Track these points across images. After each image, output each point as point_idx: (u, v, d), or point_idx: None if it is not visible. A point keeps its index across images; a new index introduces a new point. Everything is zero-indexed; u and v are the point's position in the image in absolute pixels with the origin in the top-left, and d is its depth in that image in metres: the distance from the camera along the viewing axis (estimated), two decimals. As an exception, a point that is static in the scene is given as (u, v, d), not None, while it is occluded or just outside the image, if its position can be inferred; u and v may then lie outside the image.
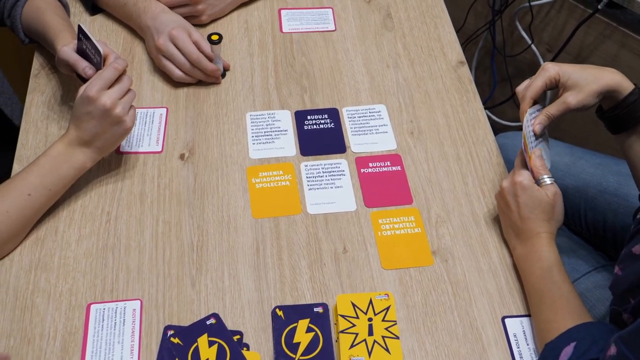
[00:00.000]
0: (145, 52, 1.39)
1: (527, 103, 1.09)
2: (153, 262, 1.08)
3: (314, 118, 1.29)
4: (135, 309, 1.02)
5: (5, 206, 1.04)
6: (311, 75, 1.37)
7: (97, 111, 1.07)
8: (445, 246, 1.12)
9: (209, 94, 1.32)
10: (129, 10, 1.38)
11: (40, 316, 1.01)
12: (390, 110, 1.31)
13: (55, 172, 1.08)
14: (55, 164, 1.08)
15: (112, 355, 0.98)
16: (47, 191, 1.08)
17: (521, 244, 1.05)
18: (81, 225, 1.12)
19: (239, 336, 1.00)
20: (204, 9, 1.41)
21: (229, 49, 1.40)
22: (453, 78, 1.37)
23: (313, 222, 1.14)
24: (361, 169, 1.21)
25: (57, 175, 1.09)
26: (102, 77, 1.08)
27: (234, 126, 1.27)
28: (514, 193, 1.05)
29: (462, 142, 1.26)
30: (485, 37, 2.20)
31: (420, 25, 1.48)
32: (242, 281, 1.06)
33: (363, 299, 1.02)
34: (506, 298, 1.06)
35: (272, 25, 1.46)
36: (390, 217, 1.15)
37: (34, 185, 1.07)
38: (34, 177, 1.07)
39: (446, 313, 1.04)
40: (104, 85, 1.08)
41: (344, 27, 1.47)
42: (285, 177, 1.20)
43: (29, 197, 1.06)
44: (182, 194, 1.16)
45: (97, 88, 1.07)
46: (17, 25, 1.30)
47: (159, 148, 1.23)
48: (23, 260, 1.07)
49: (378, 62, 1.40)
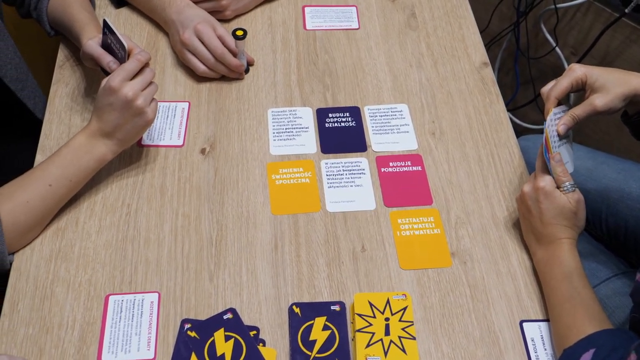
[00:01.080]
0: (168, 46, 1.39)
1: (551, 103, 1.08)
2: (172, 256, 1.08)
3: (335, 116, 1.29)
4: (153, 302, 1.03)
5: (26, 196, 1.05)
6: (333, 73, 1.36)
7: (118, 102, 1.07)
8: (464, 248, 1.11)
9: (231, 89, 1.33)
10: (153, 4, 1.38)
11: (59, 306, 1.02)
12: (412, 110, 1.30)
13: (77, 164, 1.09)
14: (76, 155, 1.09)
15: (129, 346, 0.98)
16: (68, 182, 1.09)
17: (542, 248, 1.04)
18: (102, 217, 1.12)
19: (255, 332, 1.00)
20: (228, 4, 1.41)
21: (252, 44, 1.41)
22: (476, 79, 1.36)
23: (332, 220, 1.14)
24: (381, 168, 1.21)
25: (78, 166, 1.09)
26: (124, 69, 1.09)
27: (256, 122, 1.27)
28: (536, 198, 1.04)
29: (483, 144, 1.25)
30: (509, 38, 2.19)
31: (444, 26, 1.47)
32: (260, 277, 1.06)
33: (380, 299, 1.02)
34: (525, 302, 1.05)
35: (296, 22, 1.46)
36: (410, 217, 1.14)
37: (55, 176, 1.07)
38: (55, 168, 1.08)
39: (464, 315, 1.03)
40: (126, 76, 1.08)
41: (368, 25, 1.46)
42: (305, 174, 1.19)
43: (50, 188, 1.07)
44: (202, 188, 1.17)
45: (119, 79, 1.07)
46: (43, 17, 1.31)
47: (180, 142, 1.23)
48: (44, 250, 1.08)
49: (401, 61, 1.39)
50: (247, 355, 0.96)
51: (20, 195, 1.05)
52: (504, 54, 2.25)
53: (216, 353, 0.96)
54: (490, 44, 2.24)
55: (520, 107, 2.24)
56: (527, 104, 2.20)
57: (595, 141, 1.99)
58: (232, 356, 0.96)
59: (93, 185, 1.16)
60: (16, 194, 1.05)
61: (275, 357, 0.98)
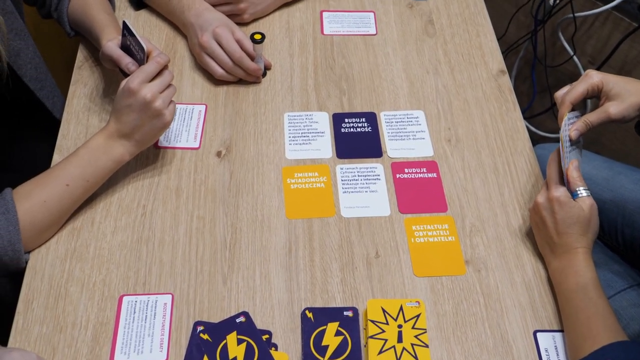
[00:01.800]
0: (186, 48, 1.40)
1: (566, 107, 1.08)
2: (186, 258, 1.09)
3: (351, 121, 1.29)
4: (167, 303, 1.03)
5: (44, 196, 1.06)
6: (350, 78, 1.36)
7: (137, 104, 1.08)
8: (478, 256, 1.11)
9: (248, 92, 1.33)
10: (173, 7, 1.39)
11: (73, 305, 1.03)
12: (428, 117, 1.30)
13: (94, 164, 1.09)
14: (94, 155, 1.10)
15: (141, 347, 0.98)
16: (85, 182, 1.09)
17: (557, 258, 1.04)
18: (117, 217, 1.13)
19: (268, 336, 1.00)
20: (246, 7, 1.42)
21: (270, 48, 1.41)
22: (493, 87, 1.36)
23: (346, 226, 1.13)
24: (397, 174, 1.21)
25: (96, 167, 1.10)
26: (143, 71, 1.09)
27: (272, 126, 1.28)
28: (551, 209, 1.04)
29: (499, 152, 1.25)
30: (526, 46, 2.18)
31: (462, 33, 1.47)
32: (273, 281, 1.06)
33: (394, 305, 1.02)
34: (539, 312, 1.04)
35: (314, 27, 1.47)
36: (424, 224, 1.14)
37: (72, 176, 1.08)
38: (73, 168, 1.08)
39: (477, 324, 1.03)
40: (145, 78, 1.09)
41: (385, 31, 1.46)
42: (321, 179, 1.19)
43: (67, 188, 1.08)
44: (217, 191, 1.17)
45: (138, 81, 1.08)
46: (63, 18, 1.32)
47: (196, 144, 1.24)
48: (59, 249, 1.09)
49: (418, 67, 1.39)
50: (259, 359, 0.96)
51: (38, 194, 1.06)
52: (521, 62, 2.24)
53: (228, 356, 0.97)
54: (507, 52, 2.24)
55: (536, 115, 2.23)
56: (543, 113, 2.19)
57: (612, 151, 1.97)
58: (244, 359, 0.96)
59: (109, 185, 1.16)
60: (34, 193, 1.06)
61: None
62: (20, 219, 1.03)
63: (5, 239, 1.01)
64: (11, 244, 1.02)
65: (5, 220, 1.02)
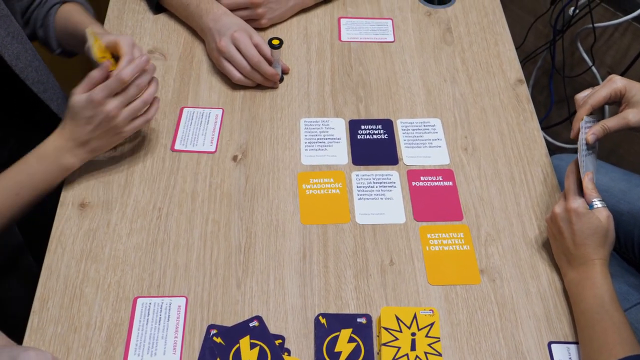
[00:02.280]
0: (204, 52, 1.41)
1: (585, 110, 1.07)
2: (200, 261, 1.09)
3: (367, 128, 1.29)
4: (180, 306, 1.03)
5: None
6: (367, 85, 1.37)
7: (98, 117, 1.08)
8: (493, 265, 1.10)
9: (264, 97, 1.33)
10: (191, 11, 1.40)
11: (88, 305, 1.03)
12: (445, 125, 1.30)
13: (44, 173, 1.10)
14: (44, 164, 1.10)
15: (155, 349, 0.99)
16: (34, 191, 1.10)
17: (574, 269, 1.03)
18: (133, 220, 1.13)
19: (281, 341, 1.00)
20: (264, 12, 1.42)
21: (287, 54, 1.41)
22: (511, 96, 1.36)
23: (361, 232, 1.13)
24: (412, 182, 1.21)
25: (45, 175, 1.11)
26: (110, 85, 1.08)
27: (288, 131, 1.28)
28: (568, 220, 1.03)
29: (516, 161, 1.25)
30: (544, 56, 2.18)
31: (480, 41, 1.46)
32: (287, 286, 1.06)
33: (407, 313, 1.01)
34: (554, 323, 1.04)
35: (331, 33, 1.47)
36: (439, 233, 1.14)
37: (22, 185, 1.09)
38: (23, 177, 1.09)
39: (491, 334, 1.02)
40: (111, 91, 1.08)
41: (403, 39, 1.46)
42: (336, 185, 1.19)
43: (17, 196, 1.09)
44: (232, 195, 1.17)
45: (103, 94, 1.07)
46: (50, 33, 1.34)
47: (212, 148, 1.24)
48: (75, 250, 1.09)
49: (435, 75, 1.39)
50: (271, 363, 0.97)
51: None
52: (539, 72, 2.23)
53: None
54: (525, 61, 2.23)
55: (553, 125, 2.22)
56: (560, 123, 2.18)
57: (630, 163, 1.96)
58: (257, 364, 0.97)
59: (125, 187, 1.17)
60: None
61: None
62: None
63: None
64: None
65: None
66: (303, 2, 1.48)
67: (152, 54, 1.40)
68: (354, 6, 1.53)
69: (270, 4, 1.43)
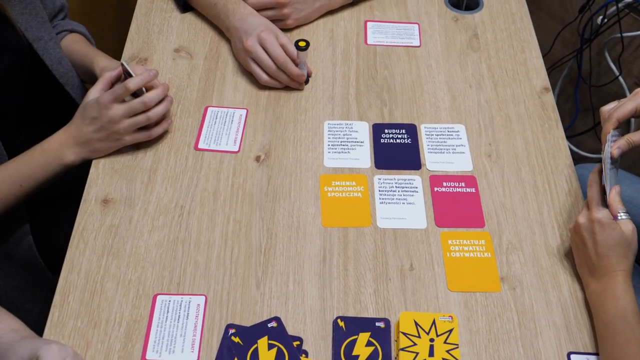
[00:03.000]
0: (230, 52, 1.41)
1: (612, 124, 1.06)
2: (220, 260, 1.09)
3: (391, 132, 1.28)
4: (200, 304, 1.04)
5: (1, 193, 1.13)
6: (392, 89, 1.36)
7: (100, 120, 1.14)
8: (514, 274, 1.09)
9: (289, 99, 1.33)
10: (217, 11, 1.41)
11: (108, 301, 1.04)
12: (469, 131, 1.29)
13: (46, 167, 1.15)
14: (46, 158, 1.15)
15: (173, 347, 0.99)
16: (36, 183, 1.15)
17: (596, 280, 1.02)
18: (155, 217, 1.14)
19: (299, 342, 1.00)
20: (290, 13, 1.43)
21: (313, 56, 1.41)
22: (536, 104, 1.35)
23: (382, 236, 1.13)
24: (435, 187, 1.20)
25: (46, 169, 1.15)
26: (114, 92, 1.14)
27: (311, 133, 1.28)
28: (592, 230, 1.02)
29: (540, 170, 1.24)
30: (571, 64, 2.16)
31: (506, 48, 1.46)
32: (307, 288, 1.06)
33: (426, 319, 1.01)
34: (574, 334, 1.03)
35: (357, 37, 1.47)
36: (461, 239, 1.13)
37: (25, 176, 1.14)
38: (27, 169, 1.14)
39: (510, 342, 1.02)
40: (117, 98, 1.14)
41: (429, 43, 1.46)
42: (358, 188, 1.19)
43: (20, 187, 1.14)
44: (254, 195, 1.18)
45: (109, 98, 1.13)
46: None
47: (236, 148, 1.25)
48: (97, 245, 1.10)
49: (461, 81, 1.38)
50: (289, 365, 0.97)
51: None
52: (565, 80, 2.22)
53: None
54: (551, 69, 2.21)
55: (578, 134, 2.20)
56: (585, 132, 2.16)
57: (654, 174, 1.94)
58: (274, 365, 0.97)
59: (148, 184, 1.18)
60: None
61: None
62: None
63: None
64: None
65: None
66: (330, 4, 1.49)
67: (178, 53, 1.41)
68: (380, 10, 1.53)
69: (296, 5, 1.43)
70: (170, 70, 1.38)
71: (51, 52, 1.26)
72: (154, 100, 1.16)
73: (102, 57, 1.31)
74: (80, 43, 1.38)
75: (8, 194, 1.14)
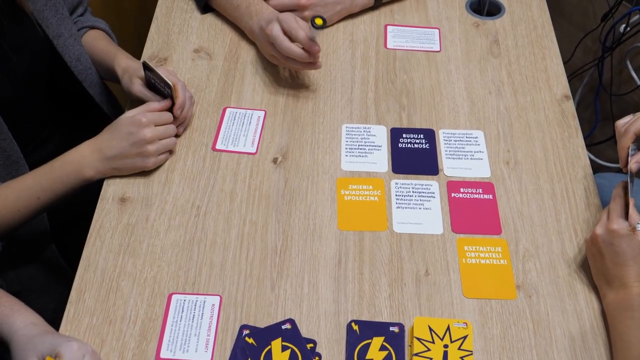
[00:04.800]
0: (249, 54, 1.41)
1: (630, 138, 1.05)
2: (236, 261, 1.09)
3: (409, 137, 1.28)
4: (215, 305, 1.04)
5: (19, 205, 1.13)
6: (411, 93, 1.36)
7: (135, 136, 1.14)
8: (530, 282, 1.08)
9: (307, 101, 1.34)
10: (241, 13, 1.41)
11: (123, 299, 1.04)
12: (487, 138, 1.29)
13: (65, 181, 1.14)
14: (66, 172, 1.14)
15: (187, 346, 0.99)
16: (54, 196, 1.15)
17: (613, 291, 1.01)
18: (171, 216, 1.14)
19: (312, 345, 1.00)
20: (311, 15, 1.42)
21: (332, 59, 1.41)
22: (556, 112, 1.34)
23: (398, 241, 1.13)
24: (452, 193, 1.20)
25: (66, 184, 1.15)
26: (160, 116, 1.17)
27: (329, 136, 1.28)
28: (610, 241, 1.01)
29: (558, 178, 1.23)
30: (591, 73, 2.14)
31: (527, 55, 1.45)
32: (321, 290, 1.06)
33: (441, 325, 1.01)
34: (589, 343, 1.02)
35: (377, 40, 1.47)
36: (477, 246, 1.12)
37: (44, 189, 1.13)
38: (46, 182, 1.14)
39: (524, 350, 1.01)
40: (158, 121, 1.16)
41: (449, 49, 1.45)
42: (375, 192, 1.19)
43: (38, 200, 1.14)
44: (271, 197, 1.18)
45: (149, 119, 1.14)
46: None
47: (253, 149, 1.25)
48: (113, 243, 1.11)
49: (480, 87, 1.38)
50: (302, 367, 0.97)
51: (13, 203, 1.12)
52: (585, 88, 2.20)
53: (272, 362, 0.97)
54: (571, 77, 2.20)
55: (597, 143, 2.18)
56: (605, 141, 2.14)
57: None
58: (287, 367, 0.97)
59: (165, 184, 1.18)
60: (9, 200, 1.12)
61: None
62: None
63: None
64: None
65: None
66: (350, 7, 1.49)
67: (198, 53, 1.41)
68: (401, 14, 1.53)
69: (317, 7, 1.43)
70: (189, 70, 1.38)
71: (71, 49, 1.27)
72: (184, 126, 1.24)
73: (124, 56, 1.31)
74: (101, 40, 1.38)
75: (26, 206, 1.13)
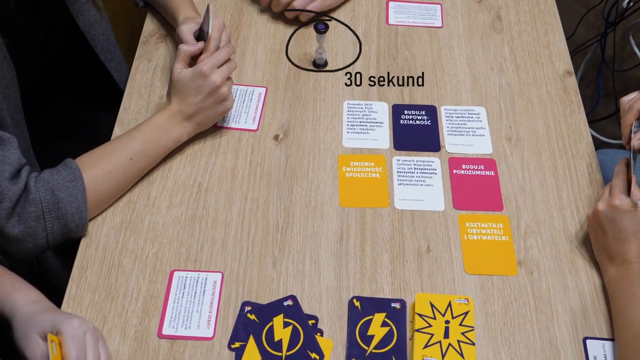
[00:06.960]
0: (250, 30, 1.41)
1: (633, 115, 1.05)
2: (237, 238, 1.09)
3: (411, 113, 1.27)
4: (216, 281, 1.04)
5: (109, 167, 1.09)
6: (413, 70, 1.35)
7: (206, 87, 1.12)
8: (531, 258, 1.09)
9: (309, 78, 1.33)
10: None
11: (125, 276, 1.04)
12: (489, 114, 1.28)
13: (156, 141, 1.12)
14: (156, 133, 1.13)
15: (189, 322, 1.00)
16: (146, 157, 1.12)
17: (614, 267, 1.01)
18: (173, 193, 1.14)
19: (314, 321, 1.00)
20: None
21: (334, 35, 1.40)
22: (558, 88, 1.33)
23: (399, 218, 1.13)
24: (454, 169, 1.19)
25: (157, 144, 1.13)
26: (215, 57, 1.14)
27: (330, 113, 1.27)
28: (612, 217, 1.01)
29: (560, 154, 1.22)
30: (594, 48, 2.13)
31: (530, 31, 1.44)
32: (323, 267, 1.06)
33: (442, 301, 1.01)
34: (590, 319, 1.02)
35: (379, 16, 1.46)
36: (478, 222, 1.12)
37: (135, 150, 1.11)
38: (136, 143, 1.11)
39: (526, 326, 1.01)
40: (216, 63, 1.13)
41: (451, 24, 1.44)
42: (376, 169, 1.19)
43: (131, 161, 1.10)
44: (272, 174, 1.18)
45: (210, 65, 1.12)
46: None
47: (254, 126, 1.24)
48: (115, 220, 1.11)
49: (482, 63, 1.37)
50: (304, 343, 0.97)
51: (104, 165, 1.08)
52: (588, 64, 2.19)
53: (274, 338, 0.97)
54: (574, 53, 2.18)
55: (599, 119, 2.18)
56: (607, 117, 2.14)
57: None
58: (290, 343, 0.97)
59: (167, 161, 1.18)
60: (99, 163, 1.08)
61: (332, 348, 0.98)
62: (86, 187, 1.05)
63: (73, 206, 1.04)
64: (79, 211, 1.04)
65: (73, 188, 1.04)
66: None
67: (199, 30, 1.40)
68: (402, -10, 1.51)
69: None
70: (190, 47, 1.37)
71: (86, 15, 1.26)
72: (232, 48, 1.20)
73: (187, 6, 1.29)
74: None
75: (118, 167, 1.09)
